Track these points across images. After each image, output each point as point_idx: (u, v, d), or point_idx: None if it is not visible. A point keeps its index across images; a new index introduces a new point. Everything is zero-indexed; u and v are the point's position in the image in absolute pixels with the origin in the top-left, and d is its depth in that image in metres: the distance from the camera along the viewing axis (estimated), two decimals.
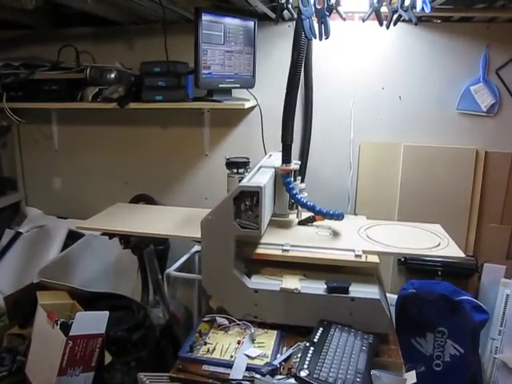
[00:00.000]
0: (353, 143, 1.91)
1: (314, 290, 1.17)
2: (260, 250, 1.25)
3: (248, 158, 1.48)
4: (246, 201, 1.16)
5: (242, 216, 1.17)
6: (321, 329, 1.11)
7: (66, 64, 1.91)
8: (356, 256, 1.20)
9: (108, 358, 1.36)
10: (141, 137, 2.13)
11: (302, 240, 1.29)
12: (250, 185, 1.14)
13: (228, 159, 1.47)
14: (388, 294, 1.77)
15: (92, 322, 1.28)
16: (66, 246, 2.00)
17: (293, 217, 1.47)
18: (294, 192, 1.33)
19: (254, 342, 1.14)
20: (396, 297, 1.62)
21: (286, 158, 1.35)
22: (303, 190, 1.45)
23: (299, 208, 1.44)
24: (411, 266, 1.75)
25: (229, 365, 1.05)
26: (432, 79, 1.83)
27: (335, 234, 1.36)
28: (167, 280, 1.75)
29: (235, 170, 1.45)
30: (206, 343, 1.13)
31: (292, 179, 1.38)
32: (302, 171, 1.93)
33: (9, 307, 1.54)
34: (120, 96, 1.71)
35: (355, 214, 1.66)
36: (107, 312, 1.30)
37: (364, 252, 1.22)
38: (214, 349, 1.11)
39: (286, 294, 1.16)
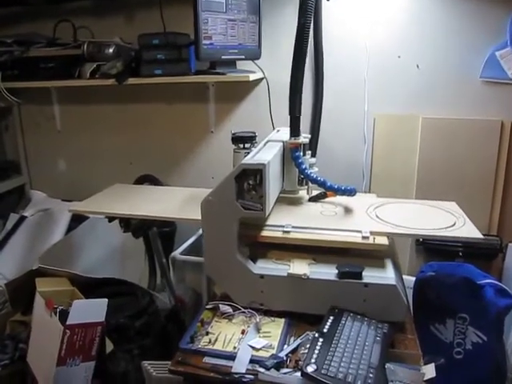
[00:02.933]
0: (367, 116, 1.79)
1: (324, 275, 1.09)
2: (265, 233, 1.16)
3: (254, 133, 1.38)
4: (250, 180, 1.07)
5: (245, 196, 1.07)
6: (331, 317, 1.03)
7: (64, 40, 1.82)
8: (363, 238, 1.10)
9: (110, 347, 1.31)
10: (145, 114, 2.04)
11: (305, 220, 1.20)
12: (253, 162, 1.04)
13: (234, 134, 1.37)
14: (405, 277, 1.67)
15: (90, 310, 1.22)
16: (70, 229, 1.96)
17: (303, 193, 1.38)
18: (304, 167, 1.23)
19: (259, 332, 1.06)
20: (414, 279, 1.52)
21: (295, 131, 1.25)
22: (313, 165, 1.35)
23: (309, 184, 1.34)
24: (430, 246, 1.65)
25: (232, 357, 0.98)
26: (453, 45, 1.68)
27: (342, 212, 1.26)
28: (173, 263, 1.69)
29: (241, 146, 1.36)
30: (207, 333, 1.06)
31: (301, 153, 1.28)
32: (312, 146, 1.82)
33: (10, 294, 1.50)
34: (118, 72, 1.61)
35: (365, 192, 1.55)
36: (106, 300, 1.25)
37: (372, 233, 1.12)
38: (216, 339, 1.04)
39: (294, 280, 1.08)
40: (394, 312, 1.06)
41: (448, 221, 1.20)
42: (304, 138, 1.30)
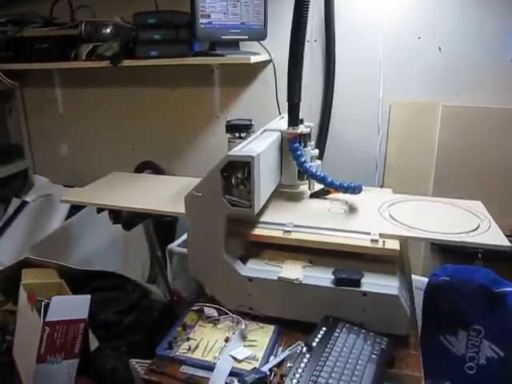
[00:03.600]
0: (382, 103, 1.64)
1: (319, 280, 0.98)
2: (258, 231, 1.06)
3: (251, 120, 1.26)
4: (238, 173, 0.96)
5: (233, 191, 0.97)
6: (323, 329, 0.92)
7: (62, 20, 1.74)
8: (372, 241, 0.98)
9: (94, 344, 1.25)
10: (148, 99, 1.95)
11: (309, 218, 1.09)
12: (241, 154, 0.94)
13: (228, 122, 1.26)
14: (418, 277, 1.55)
15: (72, 307, 1.16)
16: (71, 216, 1.90)
17: (305, 187, 1.26)
18: (302, 160, 1.11)
19: (244, 340, 0.97)
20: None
21: (293, 120, 1.13)
22: (315, 158, 1.23)
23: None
24: (446, 246, 1.51)
25: (211, 367, 0.89)
26: (479, 25, 1.50)
27: (351, 210, 1.15)
28: (170, 256, 1.61)
29: (237, 134, 1.25)
30: (188, 339, 0.98)
31: (300, 145, 1.17)
32: (322, 135, 1.70)
33: (1, 282, 1.45)
34: (114, 53, 1.52)
35: (380, 186, 1.42)
36: (89, 296, 1.18)
37: (381, 236, 1.00)
38: (196, 346, 0.95)
39: (285, 285, 0.98)
40: (396, 324, 0.95)
41: (470, 223, 1.07)
42: (305, 127, 1.18)
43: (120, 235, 1.86)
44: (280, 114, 1.63)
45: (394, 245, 0.98)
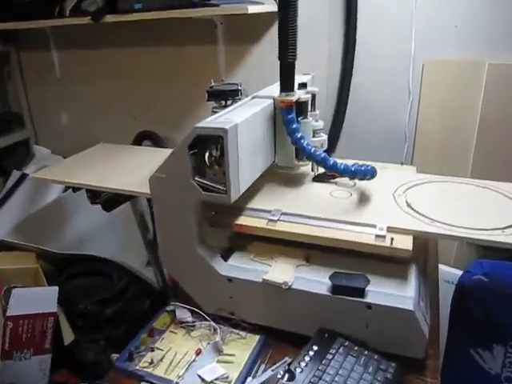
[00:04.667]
0: (414, 61, 1.37)
1: (314, 285, 0.78)
2: (240, 220, 0.86)
3: (238, 84, 1.04)
4: (212, 150, 0.76)
5: (206, 172, 0.78)
6: (315, 347, 0.73)
7: None
8: (376, 237, 0.77)
9: (70, 337, 1.13)
10: (150, 60, 1.76)
11: (303, 205, 0.88)
12: (211, 126, 0.73)
13: (211, 87, 1.05)
14: (449, 269, 1.33)
15: (38, 300, 1.03)
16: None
17: (307, 169, 1.05)
18: (298, 136, 0.89)
19: (220, 353, 0.80)
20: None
21: (287, 85, 0.90)
22: (320, 131, 1.00)
23: None
24: None
25: None
26: None
27: (358, 195, 0.93)
28: None
29: (223, 103, 1.04)
30: (153, 349, 0.82)
31: (300, 116, 0.95)
32: (342, 102, 1.46)
33: None
34: (98, 8, 1.32)
35: (403, 163, 1.18)
36: (56, 287, 1.05)
37: (391, 230, 0.78)
38: (161, 359, 0.79)
39: (272, 289, 0.79)
40: (410, 346, 0.74)
41: (508, 216, 0.83)
42: (305, 93, 0.95)
43: (118, 213, 1.72)
44: None
45: (405, 242, 0.75)
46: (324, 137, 1.01)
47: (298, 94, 0.92)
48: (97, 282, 1.26)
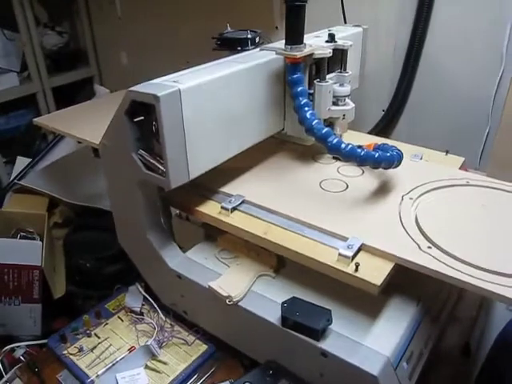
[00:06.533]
0: (508, 19, 1.00)
1: (265, 308, 0.61)
2: (198, 203, 0.70)
3: (257, 31, 0.84)
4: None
5: (154, 146, 0.63)
6: (251, 381, 0.58)
7: None
8: (340, 257, 0.55)
9: (60, 291, 1.11)
10: (205, 3, 1.59)
11: (283, 193, 0.69)
12: (143, 91, 0.56)
13: (221, 34, 0.86)
14: None
15: (22, 252, 1.02)
16: None
17: None
18: (302, 102, 0.68)
19: (153, 358, 0.68)
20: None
21: (293, 35, 0.68)
22: (343, 98, 0.77)
23: (337, 129, 0.78)
24: None
25: None
26: None
27: (355, 190, 0.69)
28: None
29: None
30: (90, 334, 0.74)
31: (314, 76, 0.74)
32: (410, 62, 1.15)
33: None
34: None
35: (446, 152, 0.85)
36: (40, 243, 1.02)
37: (365, 249, 0.56)
38: (93, 348, 0.71)
39: (218, 298, 0.64)
40: None
41: None
42: (325, 47, 0.72)
43: None
44: (345, 22, 1.14)
45: (376, 272, 0.53)
46: (350, 106, 0.77)
47: (308, 49, 0.69)
48: (101, 238, 1.22)
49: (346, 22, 1.14)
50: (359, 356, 0.53)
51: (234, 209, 0.66)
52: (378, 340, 0.56)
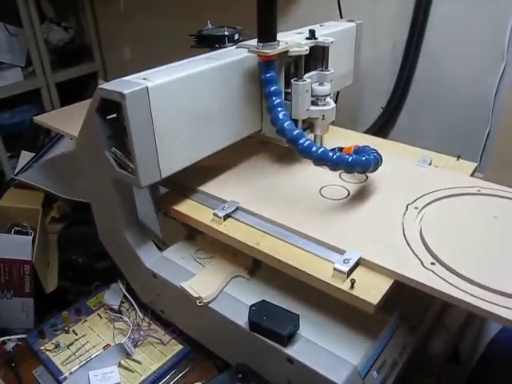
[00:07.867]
0: (509, 15, 0.96)
1: (234, 310, 0.60)
2: (185, 206, 0.69)
3: (236, 28, 0.82)
4: None
5: (127, 144, 0.62)
6: None
7: None
8: (335, 272, 0.53)
9: (52, 286, 1.12)
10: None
11: (276, 199, 0.67)
12: (111, 88, 0.55)
13: (199, 32, 0.84)
14: None
15: (12, 246, 1.02)
16: None
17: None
18: (275, 102, 0.66)
19: (127, 357, 0.68)
20: None
21: (265, 32, 0.67)
22: (323, 99, 0.74)
23: (317, 130, 0.76)
24: None
25: (59, 382, 0.65)
26: None
27: (357, 197, 0.67)
28: None
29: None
30: (68, 331, 0.74)
31: (292, 75, 0.72)
32: (409, 58, 1.11)
33: None
34: None
35: (458, 157, 0.83)
36: (29, 238, 1.02)
37: (364, 264, 0.54)
38: (69, 345, 0.71)
39: (190, 299, 0.63)
40: None
41: None
42: (297, 46, 0.70)
43: None
44: (341, 17, 1.11)
45: (373, 290, 0.50)
46: (330, 106, 0.74)
47: (282, 46, 0.68)
48: (95, 233, 1.22)
49: (341, 17, 1.11)
50: (325, 364, 0.52)
51: (228, 216, 0.64)
52: (346, 348, 0.54)
